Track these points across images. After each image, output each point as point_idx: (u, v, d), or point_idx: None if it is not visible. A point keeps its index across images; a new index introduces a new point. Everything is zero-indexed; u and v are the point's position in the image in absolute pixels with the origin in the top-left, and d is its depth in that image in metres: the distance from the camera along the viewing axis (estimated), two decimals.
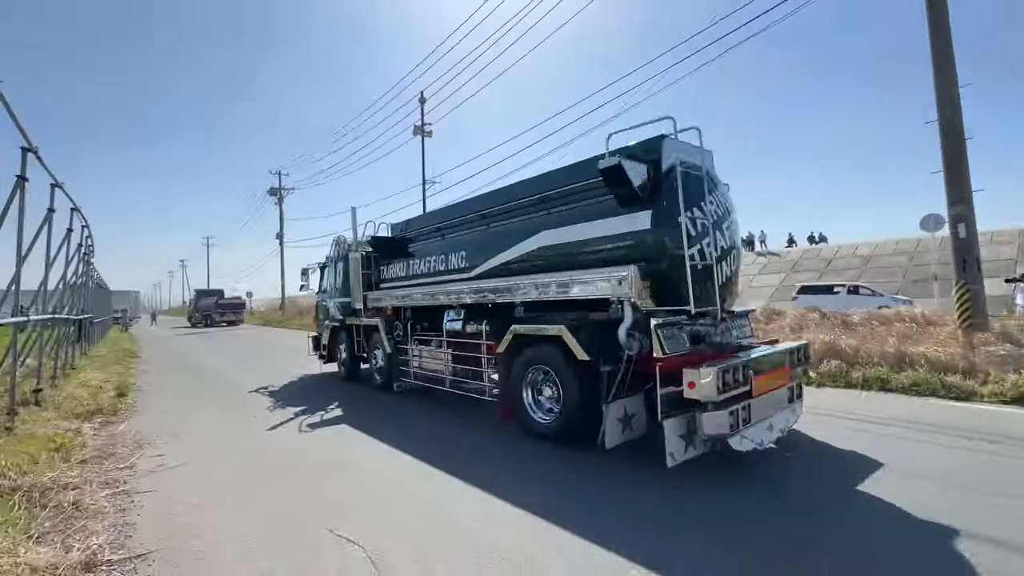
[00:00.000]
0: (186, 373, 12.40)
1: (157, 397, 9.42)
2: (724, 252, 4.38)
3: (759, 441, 3.75)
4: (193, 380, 11.29)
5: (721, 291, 4.39)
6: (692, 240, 4.05)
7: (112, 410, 8.27)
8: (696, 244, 4.09)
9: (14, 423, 6.89)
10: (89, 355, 15.22)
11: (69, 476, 5.31)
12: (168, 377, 11.76)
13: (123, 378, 10.96)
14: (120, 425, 7.64)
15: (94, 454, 6.32)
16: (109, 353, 16.28)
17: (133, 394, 9.58)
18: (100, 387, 9.69)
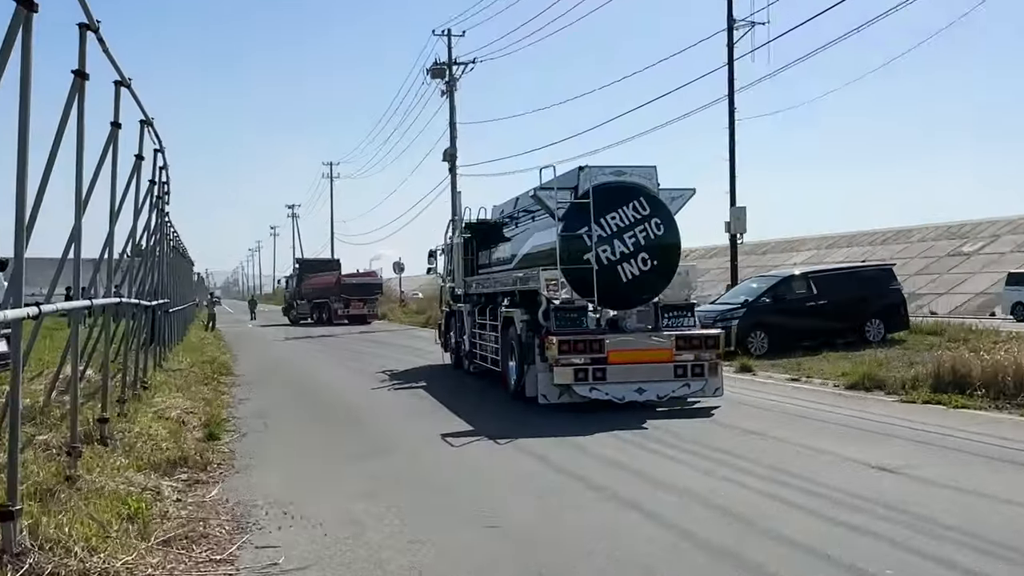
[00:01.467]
0: (308, 405, 12.44)
1: (264, 444, 9.31)
2: (626, 256, 9.24)
3: (619, 396, 9.09)
4: (318, 418, 11.20)
5: (632, 288, 9.72)
6: (596, 245, 9.01)
7: (201, 461, 7.90)
8: (595, 249, 9.03)
9: (76, 469, 6.56)
10: (165, 366, 15.80)
11: (148, 564, 5.16)
12: (280, 412, 11.88)
13: (214, 409, 11.00)
14: (213, 488, 7.13)
15: (179, 531, 6.02)
16: (191, 364, 16.93)
17: (228, 436, 9.50)
18: (183, 422, 9.57)
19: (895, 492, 6.31)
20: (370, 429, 9.95)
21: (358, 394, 13.20)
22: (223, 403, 12.08)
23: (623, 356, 10.44)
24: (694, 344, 10.59)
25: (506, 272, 13.32)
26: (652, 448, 8.17)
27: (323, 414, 11.21)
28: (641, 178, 11.40)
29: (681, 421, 9.71)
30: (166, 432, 8.65)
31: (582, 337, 10.40)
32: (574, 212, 11.01)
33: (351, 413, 11.13)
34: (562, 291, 10.90)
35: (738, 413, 10.42)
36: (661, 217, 11.19)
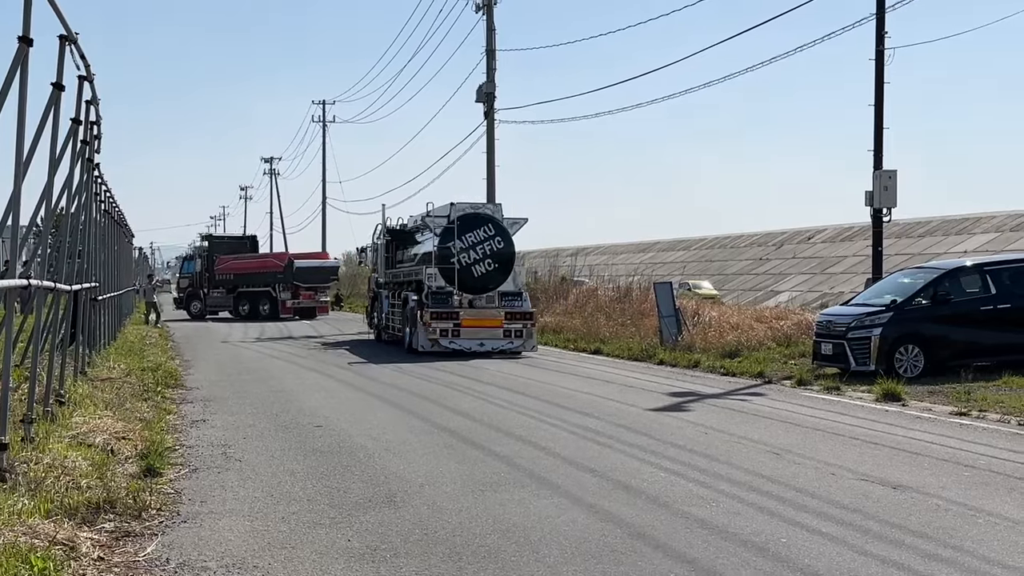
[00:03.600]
0: (287, 431, 12.62)
1: (222, 482, 9.37)
2: (476, 260, 24.71)
3: (468, 347, 24.01)
4: (297, 449, 11.23)
5: (480, 280, 24.80)
6: (458, 253, 24.62)
7: (135, 505, 7.94)
8: (458, 255, 24.57)
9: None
10: (90, 373, 15.99)
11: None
12: (246, 440, 12.13)
13: (155, 433, 11.09)
14: (149, 543, 7.17)
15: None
16: (126, 371, 17.15)
17: (174, 471, 9.55)
18: (112, 450, 9.63)
19: None
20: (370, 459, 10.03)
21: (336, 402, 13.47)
22: (168, 426, 12.21)
23: (472, 323, 24.57)
24: (516, 317, 24.78)
25: (408, 267, 27.77)
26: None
27: (301, 436, 11.25)
28: (490, 211, 26.03)
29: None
30: (88, 465, 8.70)
31: (445, 310, 24.56)
32: (446, 232, 25.13)
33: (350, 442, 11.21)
34: (437, 281, 24.91)
35: (875, 460, 10.23)
36: (502, 236, 25.31)
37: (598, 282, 38.03)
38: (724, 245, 55.07)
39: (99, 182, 18.20)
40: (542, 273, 41.57)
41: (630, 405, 14.72)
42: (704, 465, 9.87)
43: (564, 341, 28.00)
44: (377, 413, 14.03)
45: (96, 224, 17.47)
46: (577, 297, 35.18)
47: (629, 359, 23.32)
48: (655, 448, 10.86)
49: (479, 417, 13.40)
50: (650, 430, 12.17)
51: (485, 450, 10.74)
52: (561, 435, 11.78)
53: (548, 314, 33.44)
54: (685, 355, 21.87)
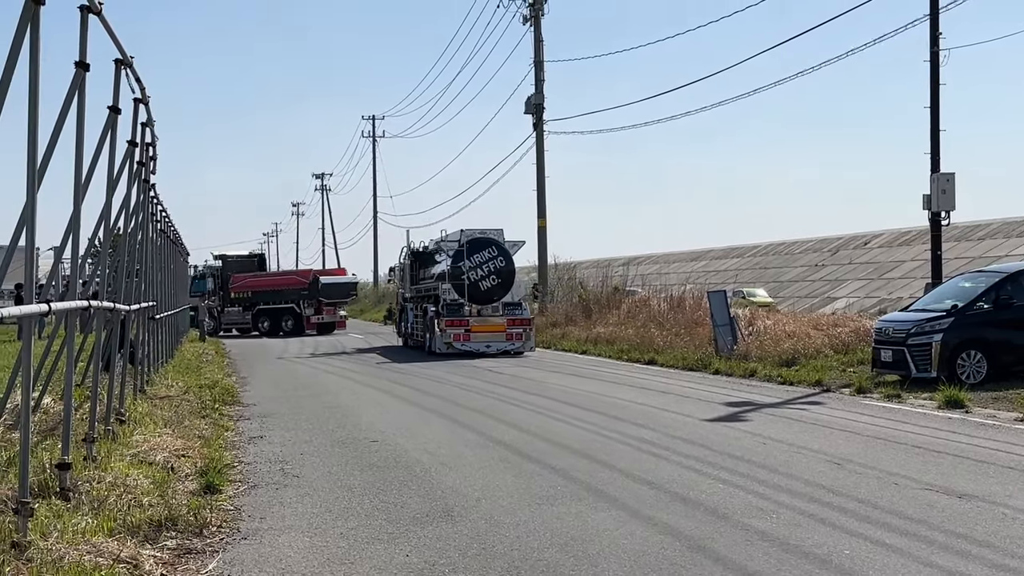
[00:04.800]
0: (345, 448, 12.69)
1: (282, 499, 9.45)
2: (483, 276, 30.19)
3: (477, 349, 29.51)
4: (357, 465, 11.32)
5: (486, 293, 30.36)
6: (468, 271, 30.00)
7: (196, 522, 8.01)
8: (467, 273, 29.99)
9: (26, 533, 6.73)
10: (149, 392, 16.23)
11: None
12: (304, 456, 12.21)
13: (214, 451, 11.22)
14: (211, 560, 7.25)
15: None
16: (184, 389, 17.42)
17: (233, 488, 9.64)
18: (172, 468, 9.73)
19: None
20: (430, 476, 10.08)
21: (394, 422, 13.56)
22: (226, 443, 12.33)
23: (480, 328, 29.79)
24: (517, 323, 29.99)
25: (428, 284, 33.31)
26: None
27: (365, 458, 11.33)
28: (494, 235, 30.63)
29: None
30: (149, 483, 8.81)
31: (457, 318, 29.72)
32: (457, 254, 30.02)
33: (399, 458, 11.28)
34: (451, 295, 29.95)
35: (939, 469, 10.05)
36: (504, 256, 30.35)
37: (651, 292, 37.82)
38: (778, 252, 54.53)
39: (155, 202, 18.49)
40: (594, 284, 41.47)
41: (686, 416, 14.63)
42: (763, 476, 9.77)
43: (617, 352, 27.94)
44: (431, 427, 14.07)
45: (152, 243, 17.72)
46: (630, 307, 35.04)
47: (684, 369, 23.20)
48: (712, 459, 10.78)
49: (533, 430, 13.39)
50: (707, 441, 12.09)
51: (540, 463, 10.73)
52: (617, 447, 11.74)
53: (601, 324, 33.39)
54: (741, 364, 21.69)
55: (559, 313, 38.77)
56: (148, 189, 15.24)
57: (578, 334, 33.38)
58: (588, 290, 40.37)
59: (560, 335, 34.40)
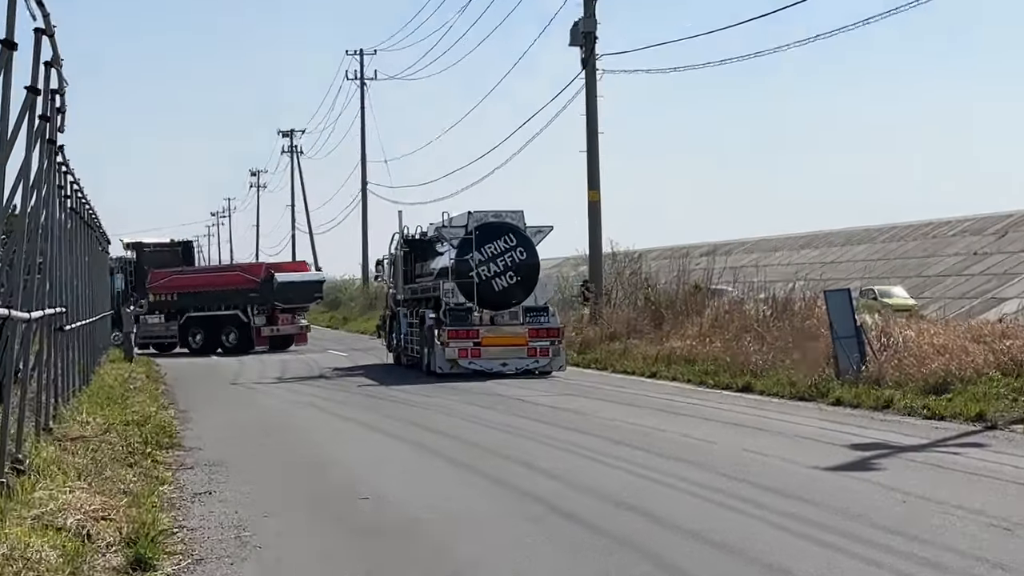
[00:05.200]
0: (311, 499, 12.79)
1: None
2: (497, 273, 31.29)
3: (489, 368, 30.54)
4: (330, 522, 11.40)
5: (502, 295, 31.59)
6: (477, 266, 31.16)
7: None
8: (477, 268, 31.14)
9: None
10: (57, 430, 16.29)
11: None
12: (269, 514, 12.25)
13: (146, 511, 11.21)
14: None
15: None
16: (104, 426, 17.33)
17: (171, 563, 9.66)
18: (88, 535, 9.71)
19: None
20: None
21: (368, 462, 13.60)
22: (163, 501, 12.31)
23: (493, 341, 30.64)
24: (541, 334, 30.98)
25: (426, 282, 34.44)
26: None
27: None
28: (512, 219, 31.66)
29: None
30: (57, 556, 8.79)
31: (464, 328, 30.55)
32: (463, 243, 31.05)
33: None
34: (455, 297, 30.73)
35: None
36: (525, 247, 31.33)
37: (745, 291, 37.72)
38: (924, 234, 54.28)
39: (64, 172, 18.61)
40: (667, 281, 41.37)
41: (794, 463, 14.58)
42: (902, 547, 9.72)
43: (699, 374, 27.88)
44: (439, 476, 14.14)
45: (61, 227, 17.84)
46: (716, 313, 34.92)
47: (791, 398, 23.14)
48: (831, 523, 10.73)
49: (576, 479, 13.39)
50: (823, 498, 12.03)
51: (589, 527, 10.72)
52: (695, 504, 11.73)
53: (676, 337, 33.31)
54: (871, 391, 21.57)
55: (619, 321, 38.66)
56: (55, 152, 15.36)
57: (645, 350, 33.36)
58: (658, 289, 40.27)
59: (620, 351, 34.38)
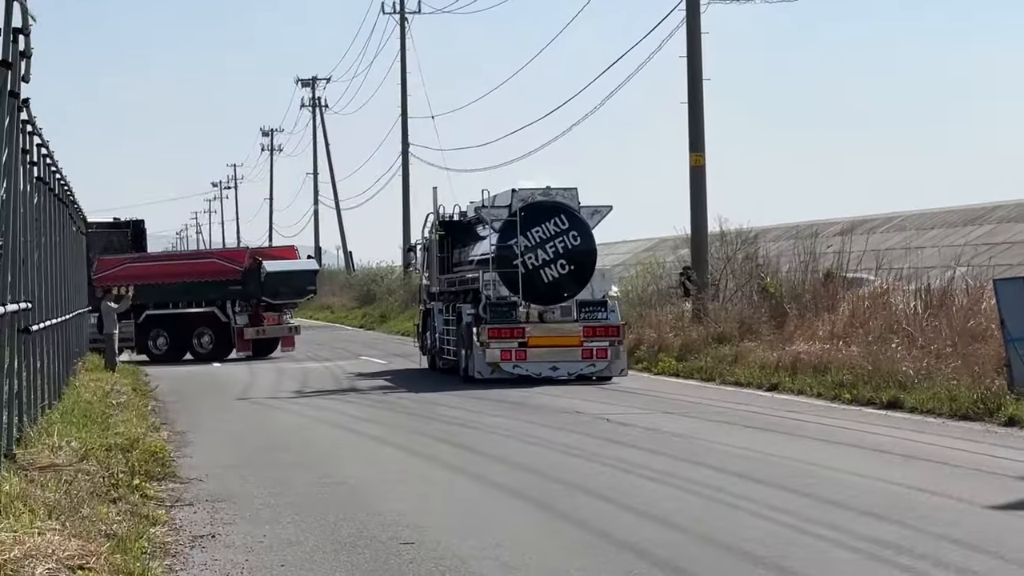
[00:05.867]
0: (340, 545, 12.85)
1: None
2: (546, 261, 33.40)
3: (536, 372, 32.93)
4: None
5: (552, 287, 33.87)
6: (523, 254, 33.27)
7: None
8: (523, 256, 33.25)
9: None
10: (22, 457, 16.39)
11: None
12: (286, 564, 12.30)
13: (130, 557, 11.27)
14: None
15: None
16: (81, 451, 17.38)
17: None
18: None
19: None
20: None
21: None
22: (153, 546, 12.35)
23: (541, 341, 32.80)
24: (599, 333, 32.75)
25: (464, 273, 37.24)
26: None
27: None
28: (564, 198, 34.07)
29: None
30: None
31: (507, 325, 32.49)
32: (507, 227, 33.30)
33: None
34: (497, 290, 33.04)
35: None
36: (579, 230, 33.41)
37: (890, 280, 37.43)
38: None
39: (30, 131, 18.70)
40: (790, 268, 41.16)
41: (957, 500, 14.45)
42: None
43: (831, 387, 27.70)
44: (503, 518, 14.09)
45: (27, 202, 17.94)
46: (854, 308, 34.73)
47: (950, 417, 22.98)
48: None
49: (684, 523, 13.29)
50: (997, 544, 11.89)
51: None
52: (835, 555, 11.61)
53: (802, 338, 33.16)
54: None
55: (729, 319, 38.57)
56: (18, 107, 15.44)
57: (762, 355, 33.25)
58: (779, 278, 40.09)
59: (731, 357, 34.33)
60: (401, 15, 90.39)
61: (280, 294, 47.59)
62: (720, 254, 44.17)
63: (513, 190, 33.69)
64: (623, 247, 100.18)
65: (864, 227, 59.54)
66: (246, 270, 47.11)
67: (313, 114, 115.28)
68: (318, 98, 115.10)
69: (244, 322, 46.90)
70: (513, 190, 33.69)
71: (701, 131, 42.44)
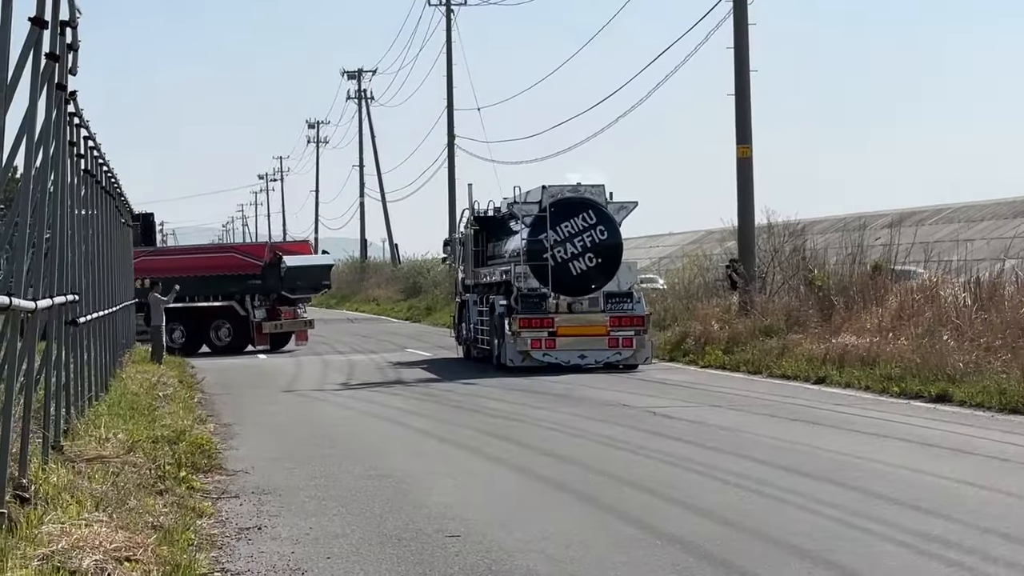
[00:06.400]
0: (385, 538, 12.85)
1: None
2: (574, 255, 35.98)
3: (565, 360, 35.13)
4: (411, 569, 11.47)
5: (580, 279, 36.31)
6: (552, 247, 35.86)
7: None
8: (552, 249, 35.82)
9: None
10: (69, 449, 16.48)
11: None
12: (332, 556, 12.34)
13: (177, 548, 11.34)
14: None
15: None
16: (128, 443, 17.57)
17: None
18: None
19: None
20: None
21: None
22: (200, 538, 12.40)
23: (569, 331, 35.11)
24: (624, 323, 35.06)
25: (496, 266, 39.47)
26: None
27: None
28: (592, 194, 36.29)
29: None
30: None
31: (538, 316, 35.11)
32: (537, 222, 35.69)
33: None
34: (528, 282, 35.39)
35: None
36: (606, 225, 35.83)
37: (939, 273, 37.20)
38: None
39: (77, 124, 18.74)
40: (838, 260, 40.98)
41: (1007, 494, 14.39)
42: None
43: (880, 380, 27.57)
44: (548, 511, 14.05)
45: (74, 194, 17.97)
46: (902, 301, 34.54)
47: (1001, 410, 22.86)
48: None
49: (732, 517, 13.24)
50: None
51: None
52: (884, 549, 11.55)
53: (850, 331, 33.00)
54: None
55: (776, 311, 38.44)
56: (65, 100, 15.47)
57: (809, 348, 33.11)
58: (826, 270, 39.91)
59: (778, 350, 34.19)
60: (447, 6, 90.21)
61: (298, 288, 48.38)
62: (767, 246, 44.01)
63: (544, 186, 36.00)
64: (669, 239, 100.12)
65: (912, 219, 59.33)
66: (267, 265, 47.65)
67: (359, 106, 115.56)
68: (364, 90, 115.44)
69: (262, 316, 47.49)
70: (544, 186, 36.00)
71: (748, 123, 42.29)
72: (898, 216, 58.90)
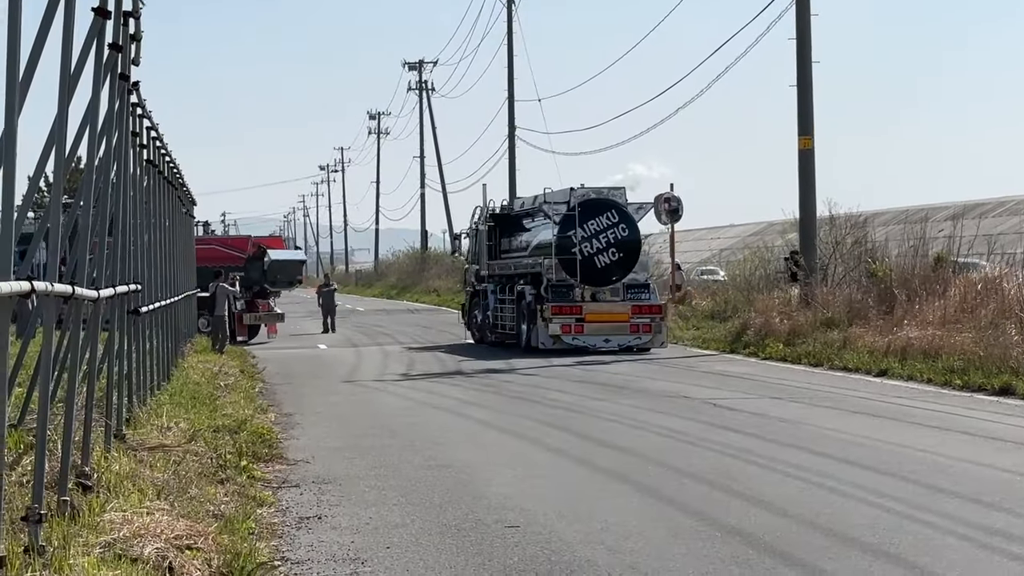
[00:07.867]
0: (445, 528, 12.86)
1: None
2: (599, 250, 41.28)
3: (592, 344, 40.48)
4: (471, 559, 11.50)
5: (603, 272, 41.64)
6: (579, 243, 41.18)
7: None
8: (579, 245, 41.13)
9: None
10: (131, 438, 16.61)
11: None
12: (391, 546, 12.40)
13: (240, 539, 11.35)
14: None
15: None
16: (189, 433, 17.69)
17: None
18: (170, 567, 9.73)
19: None
20: None
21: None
22: (261, 527, 12.49)
23: (595, 317, 40.37)
24: (643, 311, 40.45)
25: (522, 258, 44.65)
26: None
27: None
28: (614, 196, 42.47)
29: None
30: None
31: (567, 304, 40.35)
32: (566, 220, 40.98)
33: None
34: (557, 274, 40.63)
35: None
36: (627, 223, 41.35)
37: (1003, 265, 36.93)
38: None
39: (140, 114, 18.84)
40: (900, 252, 40.78)
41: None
42: None
43: (943, 372, 27.40)
44: (609, 503, 14.00)
45: (137, 184, 18.07)
46: (965, 293, 34.30)
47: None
48: None
49: (794, 511, 13.19)
50: None
51: (816, 572, 10.56)
52: (945, 541, 11.49)
53: (911, 324, 32.81)
54: None
55: (837, 304, 38.26)
56: (128, 91, 15.55)
57: (870, 340, 32.92)
58: (888, 263, 39.71)
59: (839, 342, 34.01)
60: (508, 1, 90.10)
61: (278, 282, 50.61)
62: (828, 238, 44.01)
63: (571, 188, 41.38)
64: (730, 231, 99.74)
65: (976, 211, 58.80)
66: (250, 258, 49.00)
67: (420, 97, 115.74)
68: (425, 81, 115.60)
69: (243, 307, 47.98)
70: (571, 188, 41.38)
71: (810, 114, 42.17)
72: (961, 208, 58.46)
